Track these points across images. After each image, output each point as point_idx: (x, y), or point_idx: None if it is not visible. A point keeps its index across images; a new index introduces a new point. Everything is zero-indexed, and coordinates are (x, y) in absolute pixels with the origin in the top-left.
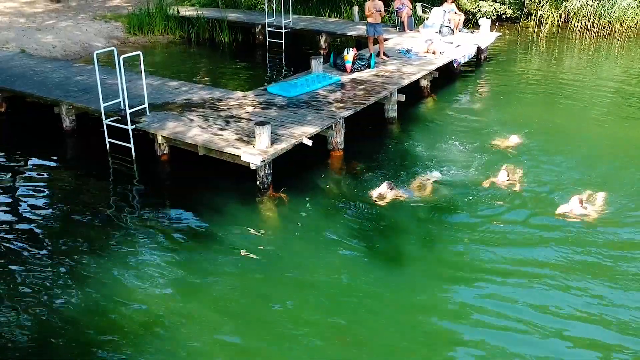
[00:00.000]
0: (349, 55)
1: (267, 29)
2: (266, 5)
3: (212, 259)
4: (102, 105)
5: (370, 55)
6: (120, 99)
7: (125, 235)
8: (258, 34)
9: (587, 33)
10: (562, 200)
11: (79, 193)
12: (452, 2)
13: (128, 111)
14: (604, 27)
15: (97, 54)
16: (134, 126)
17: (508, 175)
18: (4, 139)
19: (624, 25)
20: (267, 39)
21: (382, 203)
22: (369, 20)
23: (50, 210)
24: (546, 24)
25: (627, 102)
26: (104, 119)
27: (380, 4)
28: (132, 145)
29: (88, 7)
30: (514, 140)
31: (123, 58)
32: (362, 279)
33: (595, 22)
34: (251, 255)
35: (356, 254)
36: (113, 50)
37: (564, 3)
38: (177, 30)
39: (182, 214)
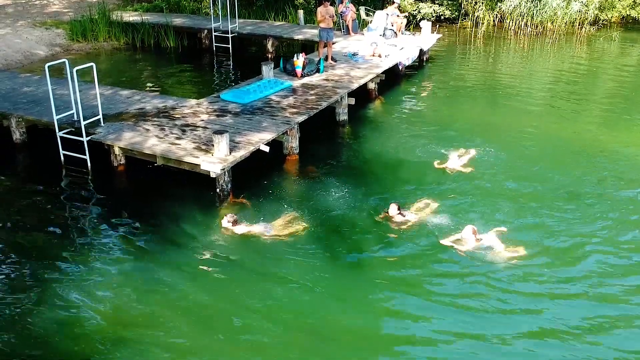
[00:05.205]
0: (299, 60)
1: (214, 33)
2: (211, 10)
3: (174, 268)
4: (55, 118)
5: (319, 59)
6: (73, 110)
7: (83, 248)
8: (204, 39)
9: (522, 32)
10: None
11: (33, 208)
12: (395, 6)
13: (83, 123)
14: (537, 26)
15: (48, 66)
16: (89, 138)
17: (398, 209)
18: None
19: (554, 24)
20: (214, 44)
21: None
22: (322, 25)
23: (3, 225)
24: (483, 24)
25: (558, 100)
26: (57, 131)
27: (332, 10)
28: (87, 157)
29: (26, 14)
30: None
31: (76, 70)
32: (322, 281)
33: (529, 21)
34: (214, 263)
35: (316, 257)
36: (65, 62)
37: (499, 4)
38: (122, 36)
39: (141, 224)
